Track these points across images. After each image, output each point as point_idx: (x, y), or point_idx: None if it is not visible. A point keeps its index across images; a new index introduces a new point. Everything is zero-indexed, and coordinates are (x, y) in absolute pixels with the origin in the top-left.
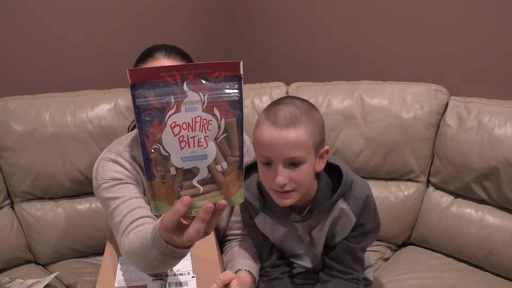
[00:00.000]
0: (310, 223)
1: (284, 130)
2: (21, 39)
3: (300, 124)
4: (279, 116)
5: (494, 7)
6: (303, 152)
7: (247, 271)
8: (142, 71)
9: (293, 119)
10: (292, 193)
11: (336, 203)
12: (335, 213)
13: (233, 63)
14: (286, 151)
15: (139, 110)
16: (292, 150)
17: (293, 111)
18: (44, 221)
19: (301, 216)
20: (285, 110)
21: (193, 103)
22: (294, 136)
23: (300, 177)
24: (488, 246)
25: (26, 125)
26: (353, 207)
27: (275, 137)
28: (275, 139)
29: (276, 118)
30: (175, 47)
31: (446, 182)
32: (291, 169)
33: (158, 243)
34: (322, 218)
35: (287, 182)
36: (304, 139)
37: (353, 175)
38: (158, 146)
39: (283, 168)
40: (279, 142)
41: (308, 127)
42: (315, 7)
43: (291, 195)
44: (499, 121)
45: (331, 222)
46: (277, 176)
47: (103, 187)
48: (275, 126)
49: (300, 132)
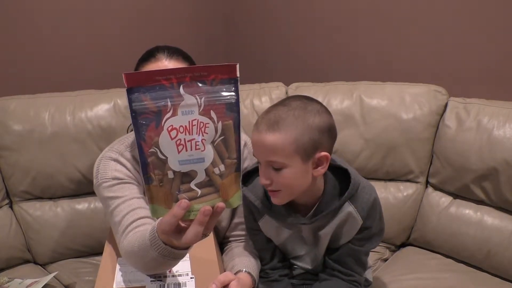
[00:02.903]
0: (316, 224)
1: (263, 134)
2: (21, 39)
3: (281, 130)
4: (264, 119)
5: (494, 8)
6: (282, 158)
7: (247, 273)
8: (138, 75)
9: (274, 124)
10: (278, 192)
11: (343, 206)
12: (341, 215)
13: (229, 66)
14: (264, 155)
15: (135, 114)
16: (269, 154)
17: (279, 116)
18: (43, 220)
19: (306, 218)
20: (273, 114)
21: (189, 106)
22: (271, 141)
23: (283, 181)
24: (487, 247)
25: (25, 124)
26: (360, 210)
27: (255, 139)
28: (256, 142)
29: (262, 121)
30: (177, 48)
31: (445, 183)
32: (274, 172)
33: (156, 245)
34: (329, 220)
35: (269, 183)
36: (282, 145)
37: (360, 178)
38: (155, 149)
39: (265, 169)
40: (258, 144)
41: (290, 133)
42: (314, 7)
43: (278, 194)
44: (498, 122)
45: (337, 225)
46: (261, 176)
47: (103, 186)
48: (257, 129)
49: (278, 138)
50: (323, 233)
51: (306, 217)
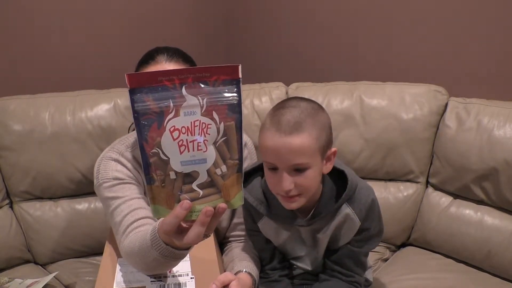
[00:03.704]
0: (314, 227)
1: (288, 137)
2: (21, 39)
3: (304, 130)
4: (283, 122)
5: (494, 8)
6: (307, 158)
7: (247, 273)
8: (141, 75)
9: (296, 125)
10: (298, 197)
11: (341, 207)
12: (339, 217)
13: (231, 67)
14: (290, 158)
15: (137, 114)
16: (296, 157)
17: (297, 116)
18: (43, 221)
19: (305, 221)
20: (289, 115)
21: (192, 107)
22: (298, 143)
23: (306, 182)
24: (487, 247)
25: (25, 124)
26: (358, 212)
27: (278, 144)
28: (279, 146)
29: (280, 124)
30: (177, 50)
31: (445, 183)
32: (297, 175)
33: (157, 245)
34: (327, 222)
35: (292, 187)
36: (308, 145)
37: (357, 179)
38: (158, 150)
39: (287, 174)
40: (282, 149)
41: (312, 132)
42: (314, 7)
43: (297, 199)
44: (498, 122)
45: (335, 227)
46: (281, 182)
47: (104, 186)
48: (279, 133)
49: (304, 138)
50: (321, 235)
51: (305, 219)
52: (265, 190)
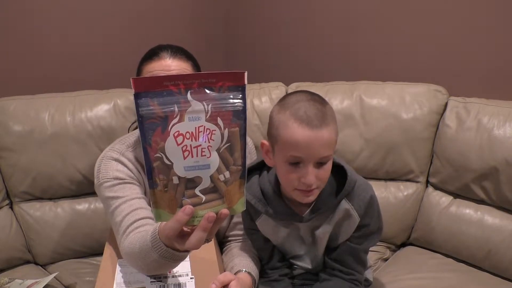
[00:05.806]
0: (313, 223)
1: (320, 130)
2: (21, 39)
3: (329, 122)
4: (311, 115)
5: (494, 7)
6: (331, 150)
7: (247, 272)
8: (146, 80)
9: (324, 118)
10: (315, 190)
11: (340, 203)
12: (339, 213)
13: (237, 73)
14: (320, 151)
15: (142, 118)
16: (326, 149)
17: (321, 110)
18: (43, 221)
19: (304, 217)
20: (314, 109)
21: (196, 112)
22: (328, 136)
23: (325, 175)
24: (487, 246)
25: (25, 125)
26: (357, 208)
27: (311, 137)
28: (312, 139)
29: (309, 118)
30: (180, 47)
31: (445, 183)
32: (319, 167)
33: (157, 246)
34: (326, 219)
35: (315, 181)
36: (334, 137)
37: (356, 175)
38: (161, 154)
39: (313, 167)
40: (315, 142)
41: (334, 124)
42: (314, 7)
43: (316, 192)
44: (498, 121)
45: (335, 223)
46: (307, 176)
47: (104, 186)
48: (309, 127)
49: (331, 130)
50: (321, 231)
51: (304, 215)
52: (263, 188)
